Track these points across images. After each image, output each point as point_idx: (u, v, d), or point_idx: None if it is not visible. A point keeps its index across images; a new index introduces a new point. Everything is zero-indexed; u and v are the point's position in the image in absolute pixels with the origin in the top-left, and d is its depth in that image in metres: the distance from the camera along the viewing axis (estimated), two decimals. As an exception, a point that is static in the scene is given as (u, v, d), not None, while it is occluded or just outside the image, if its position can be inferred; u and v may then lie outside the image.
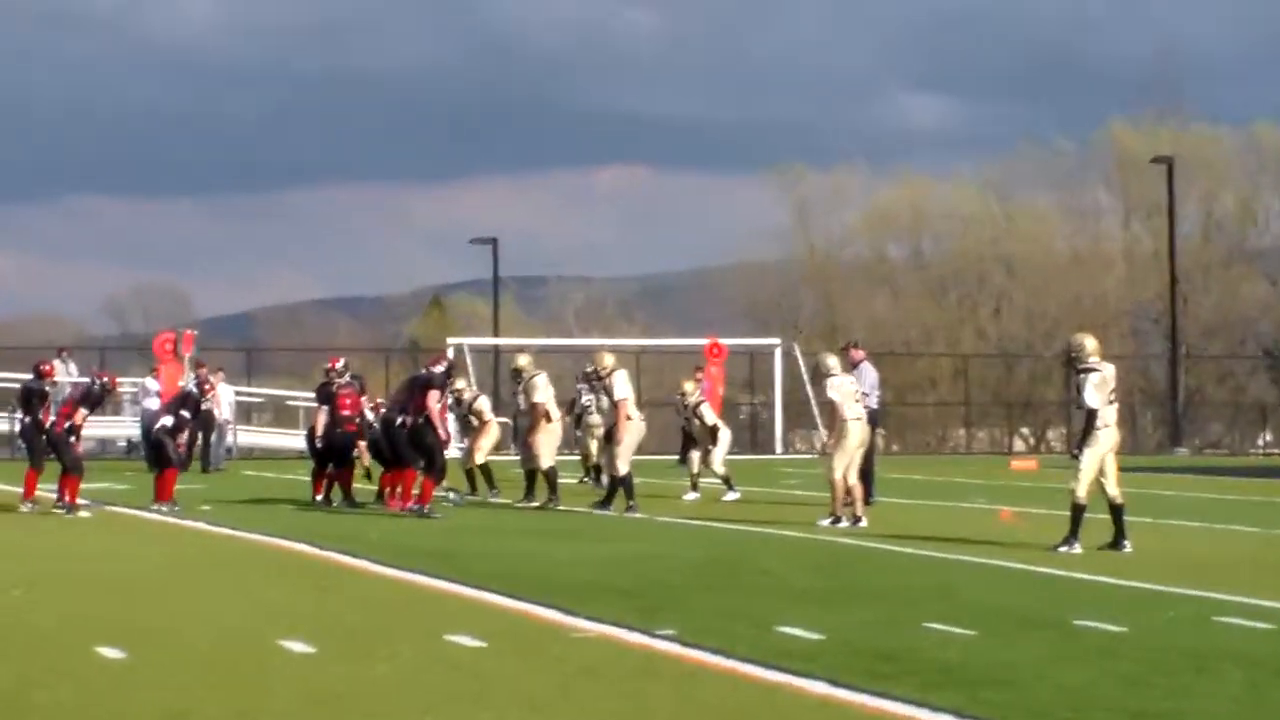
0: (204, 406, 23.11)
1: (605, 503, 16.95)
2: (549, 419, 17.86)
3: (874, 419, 16.78)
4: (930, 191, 61.62)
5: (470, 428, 19.07)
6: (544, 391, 17.89)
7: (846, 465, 14.84)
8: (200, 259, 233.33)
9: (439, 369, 16.60)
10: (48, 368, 17.42)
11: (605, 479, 18.20)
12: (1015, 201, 59.68)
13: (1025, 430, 51.30)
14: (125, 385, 34.09)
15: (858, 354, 18.74)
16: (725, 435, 19.83)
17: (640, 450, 17.52)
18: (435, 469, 16.01)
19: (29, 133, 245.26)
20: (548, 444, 17.74)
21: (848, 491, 14.88)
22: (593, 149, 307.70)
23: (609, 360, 17.34)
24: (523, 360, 18.71)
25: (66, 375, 31.93)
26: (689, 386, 20.67)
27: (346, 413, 17.59)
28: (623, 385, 16.92)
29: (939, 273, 59.27)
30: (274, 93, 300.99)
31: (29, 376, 17.25)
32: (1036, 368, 52.82)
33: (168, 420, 16.83)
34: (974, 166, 76.43)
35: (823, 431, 16.42)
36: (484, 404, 19.25)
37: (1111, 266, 56.79)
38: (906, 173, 65.40)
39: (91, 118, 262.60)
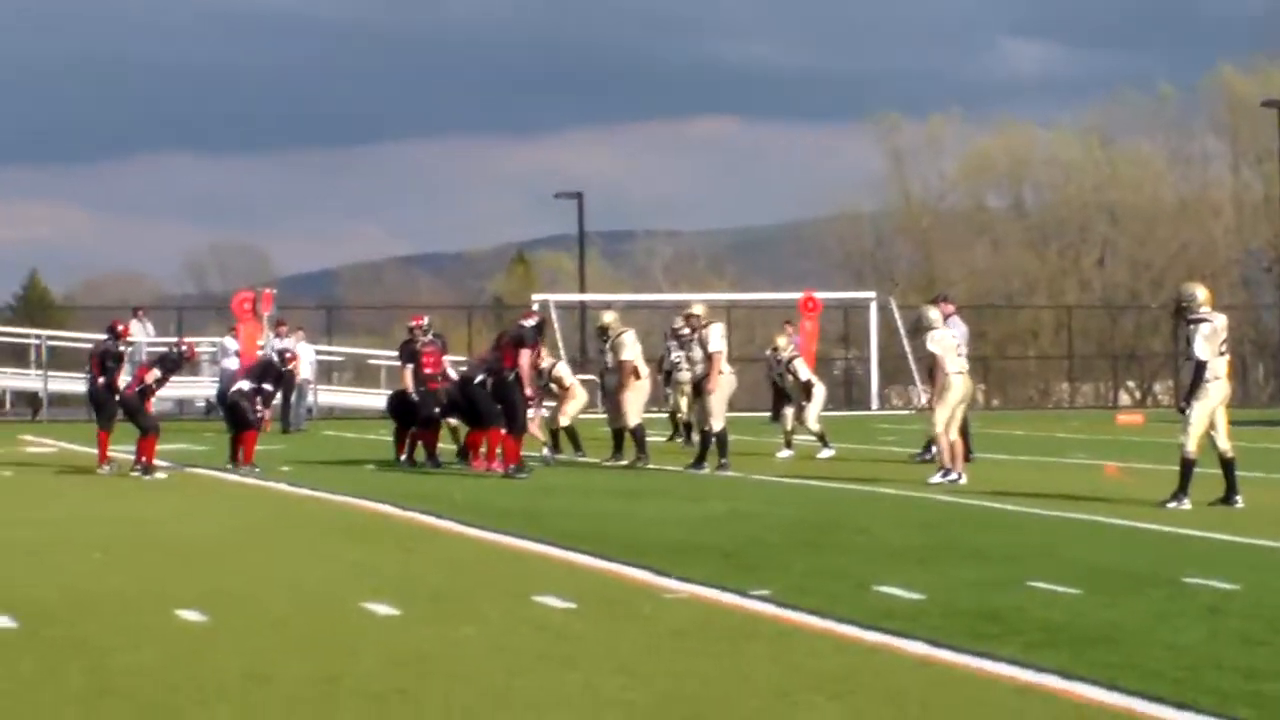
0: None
1: (699, 463, 16.74)
2: (638, 375, 17.70)
3: None
4: (1031, 138, 60.59)
5: (552, 395, 18.90)
6: (632, 349, 17.73)
7: (949, 420, 14.59)
8: (282, 215, 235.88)
9: (530, 323, 16.39)
10: (123, 328, 17.34)
11: (696, 436, 18.00)
12: (1119, 148, 58.47)
13: (1131, 383, 50.46)
14: (204, 345, 34.34)
15: (948, 307, 18.40)
16: (820, 391, 19.57)
17: (731, 407, 17.32)
18: (516, 425, 15.73)
19: (108, 90, 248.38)
20: (635, 401, 17.58)
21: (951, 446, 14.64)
22: (684, 99, 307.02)
23: (702, 310, 17.25)
24: (609, 317, 18.55)
25: (144, 335, 32.18)
26: (781, 341, 20.43)
27: (429, 371, 17.48)
28: (718, 338, 16.76)
29: (1040, 222, 58.32)
30: (356, 46, 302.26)
31: (104, 336, 17.24)
32: (1142, 319, 51.89)
33: (245, 384, 16.73)
34: (1075, 114, 75.02)
35: (921, 386, 16.16)
36: (563, 370, 19.05)
37: (1220, 213, 55.56)
38: (1005, 120, 64.34)
39: (170, 74, 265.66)
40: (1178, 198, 57.05)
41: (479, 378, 16.19)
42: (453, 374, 17.85)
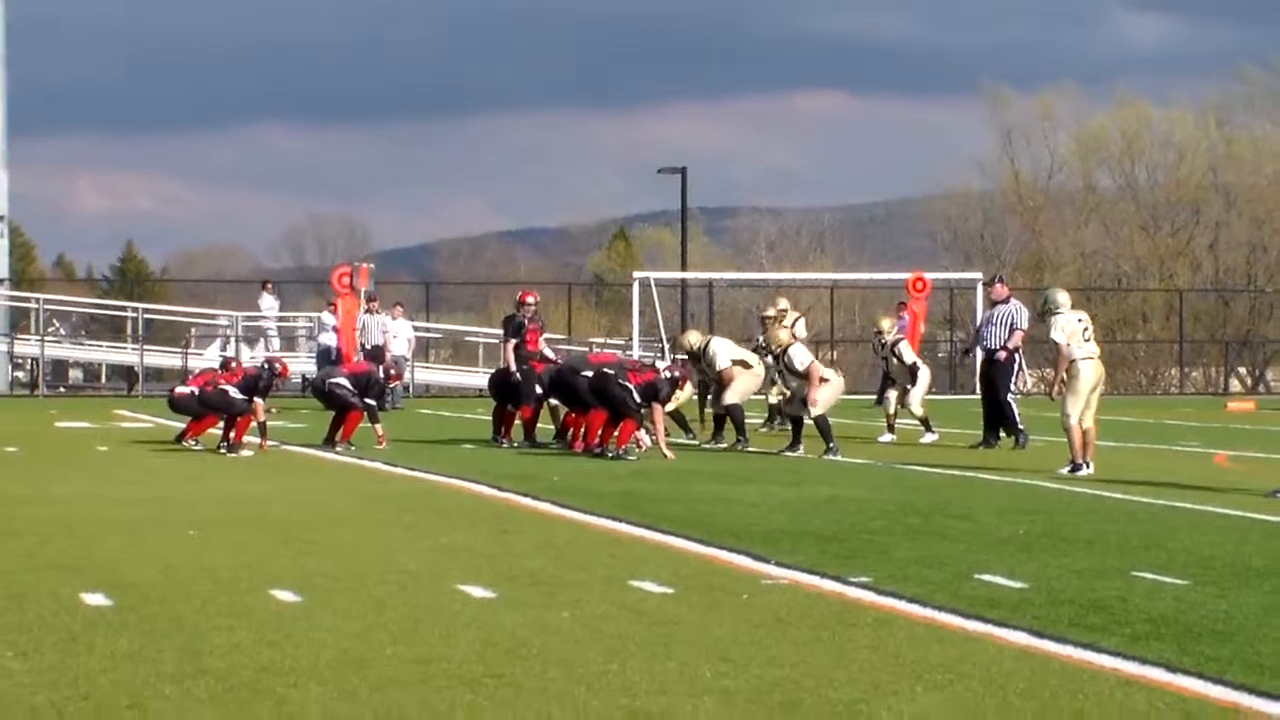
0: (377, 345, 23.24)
1: (794, 445, 16.58)
2: (747, 366, 17.55)
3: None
4: (1144, 116, 59.40)
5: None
6: (725, 356, 17.50)
7: (1081, 409, 14.11)
8: (380, 187, 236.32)
9: (668, 375, 16.05)
10: (229, 372, 16.80)
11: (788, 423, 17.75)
12: (1235, 127, 57.21)
13: (1242, 369, 49.45)
14: (301, 320, 34.54)
15: (1002, 290, 18.05)
16: (924, 375, 19.35)
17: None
18: (632, 411, 15.56)
19: (208, 60, 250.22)
20: (740, 385, 17.42)
21: (1084, 436, 14.18)
22: (790, 73, 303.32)
23: (783, 336, 16.79)
24: (692, 339, 18.26)
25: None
26: (886, 324, 20.21)
27: (529, 349, 17.40)
28: (803, 355, 16.46)
29: (1152, 202, 57.24)
30: (458, 15, 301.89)
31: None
32: (1256, 303, 50.78)
33: (344, 381, 16.72)
34: (1192, 89, 73.34)
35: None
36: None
37: (1338, 195, 54.27)
38: (1120, 96, 63.11)
39: (270, 44, 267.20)
40: (1295, 178, 55.73)
41: (585, 372, 16.03)
42: (549, 353, 17.80)
